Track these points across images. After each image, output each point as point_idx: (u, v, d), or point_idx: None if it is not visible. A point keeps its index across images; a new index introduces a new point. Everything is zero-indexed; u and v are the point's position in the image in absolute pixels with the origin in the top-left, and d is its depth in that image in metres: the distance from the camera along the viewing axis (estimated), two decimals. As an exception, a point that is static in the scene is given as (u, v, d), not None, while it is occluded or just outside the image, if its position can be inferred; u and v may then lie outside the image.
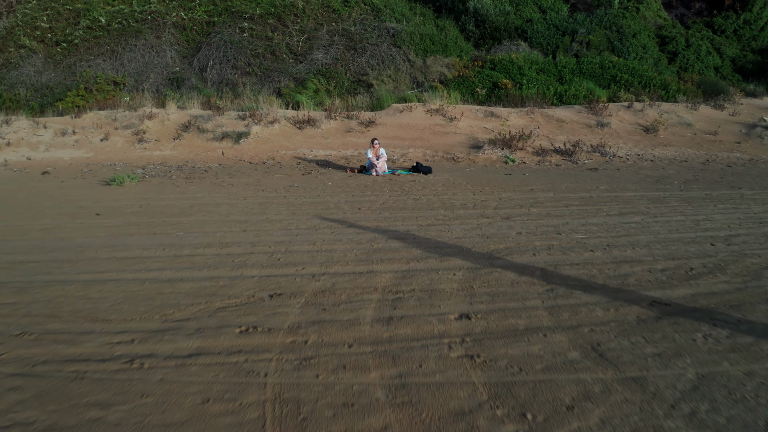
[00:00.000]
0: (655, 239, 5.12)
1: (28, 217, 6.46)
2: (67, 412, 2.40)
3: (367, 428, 2.19)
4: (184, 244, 4.92)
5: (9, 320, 3.44)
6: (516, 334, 3.03)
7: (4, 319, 3.46)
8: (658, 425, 2.23)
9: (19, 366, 2.85)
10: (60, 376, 2.72)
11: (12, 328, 3.32)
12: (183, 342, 2.98)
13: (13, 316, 3.51)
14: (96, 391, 2.55)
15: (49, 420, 2.35)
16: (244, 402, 2.39)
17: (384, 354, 2.80)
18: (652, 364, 2.73)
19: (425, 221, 5.83)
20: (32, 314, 3.51)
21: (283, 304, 3.47)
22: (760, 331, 3.21)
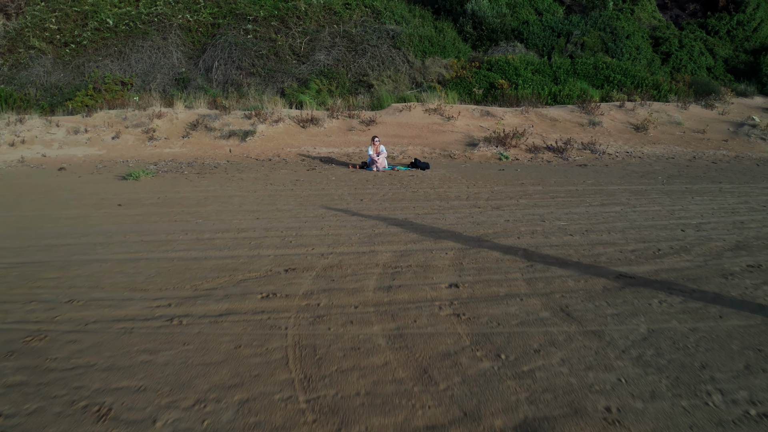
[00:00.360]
0: (630, 226, 5.64)
1: (54, 207, 6.97)
2: (122, 356, 2.92)
3: (370, 364, 2.70)
4: (204, 230, 5.44)
5: (56, 291, 3.95)
6: (497, 298, 3.54)
7: (52, 291, 3.97)
8: (609, 364, 2.75)
9: (73, 325, 3.37)
10: (111, 331, 3.23)
11: (60, 297, 3.83)
12: (213, 305, 3.49)
13: (60, 287, 4.02)
14: (144, 342, 3.06)
15: (106, 363, 2.87)
16: (269, 347, 2.90)
17: (384, 313, 3.31)
18: (610, 321, 3.25)
19: (422, 210, 6.34)
20: (76, 286, 4.03)
21: (297, 277, 3.98)
22: (710, 298, 3.72)
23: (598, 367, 2.71)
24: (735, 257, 4.67)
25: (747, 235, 5.44)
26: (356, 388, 2.49)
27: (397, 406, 2.34)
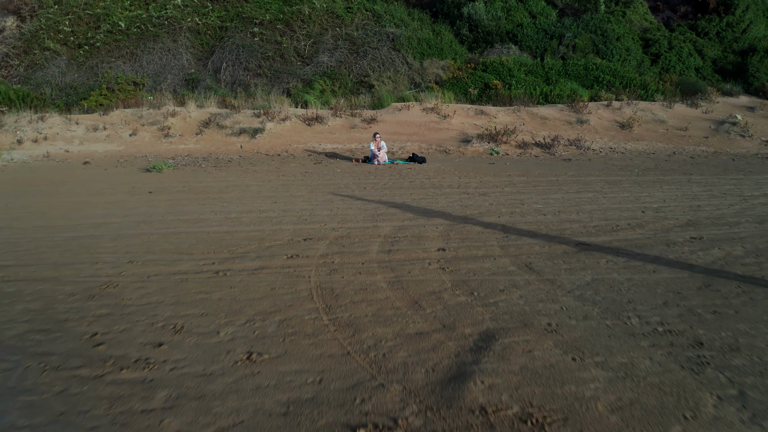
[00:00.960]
0: (598, 208, 6.51)
1: (91, 195, 7.84)
2: (183, 296, 3.79)
3: (375, 298, 3.58)
4: (230, 211, 6.31)
5: (116, 255, 4.82)
6: (475, 258, 4.42)
7: (112, 255, 4.84)
8: (555, 299, 3.62)
9: (137, 277, 4.23)
10: (170, 280, 4.10)
11: (121, 259, 4.70)
12: (249, 263, 4.37)
13: (118, 253, 4.89)
14: (198, 287, 3.94)
15: (172, 300, 3.74)
16: (297, 288, 3.78)
17: (385, 267, 4.19)
18: (563, 273, 4.12)
19: (417, 196, 7.21)
20: (132, 252, 4.90)
21: (314, 244, 4.86)
22: (649, 259, 4.59)
23: (546, 300, 3.58)
24: (682, 231, 5.54)
25: (699, 216, 6.31)
26: (364, 312, 3.37)
27: (395, 322, 3.22)
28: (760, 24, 27.58)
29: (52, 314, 3.56)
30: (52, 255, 4.89)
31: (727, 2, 27.69)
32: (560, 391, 2.50)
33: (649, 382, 2.60)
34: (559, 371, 2.67)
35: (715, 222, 6.00)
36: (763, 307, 3.58)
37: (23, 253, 5.00)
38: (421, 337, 3.03)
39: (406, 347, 2.91)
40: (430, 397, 2.44)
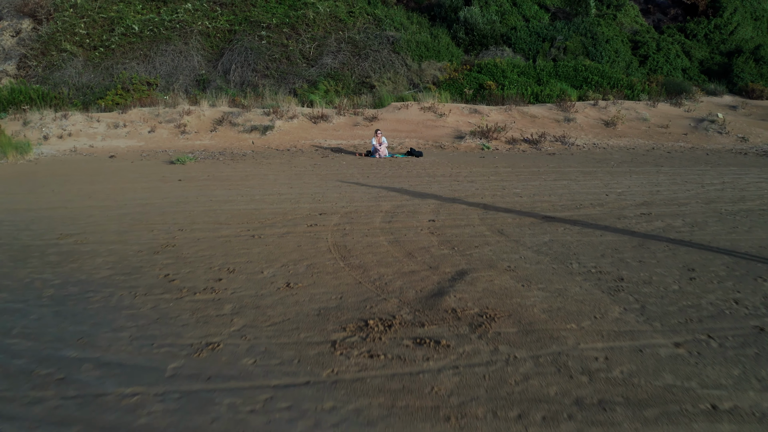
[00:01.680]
0: (568, 192, 7.58)
1: (126, 182, 8.91)
2: (229, 251, 4.86)
3: (378, 251, 4.65)
4: (254, 194, 7.39)
5: (166, 225, 5.89)
6: (458, 226, 5.50)
7: (163, 225, 5.90)
8: (516, 251, 4.69)
9: (189, 240, 5.29)
10: (216, 241, 5.17)
11: (171, 228, 5.77)
12: (277, 229, 5.45)
13: (167, 223, 5.96)
14: (240, 245, 5.01)
15: (220, 254, 4.80)
16: (318, 245, 4.85)
17: (386, 232, 5.27)
18: (526, 236, 5.20)
19: (414, 183, 8.29)
20: (179, 223, 5.97)
21: (328, 217, 5.94)
22: (600, 227, 5.65)
23: (510, 252, 4.66)
24: (635, 209, 6.61)
25: (655, 198, 7.37)
26: (370, 259, 4.45)
27: (393, 265, 4.30)
28: (747, 26, 28.57)
29: (128, 264, 4.64)
30: (111, 226, 5.96)
31: (716, 5, 28.69)
32: (509, 301, 3.58)
33: (575, 299, 3.68)
34: (510, 292, 3.75)
35: (667, 203, 7.07)
36: (680, 259, 4.65)
37: (85, 225, 6.07)
38: (413, 273, 4.11)
39: (402, 279, 3.99)
40: (418, 305, 3.52)
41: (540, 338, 3.08)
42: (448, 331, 3.15)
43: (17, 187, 8.88)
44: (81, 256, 4.87)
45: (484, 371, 2.72)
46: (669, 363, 2.84)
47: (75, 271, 4.48)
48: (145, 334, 3.26)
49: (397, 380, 2.65)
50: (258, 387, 2.63)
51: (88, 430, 2.36)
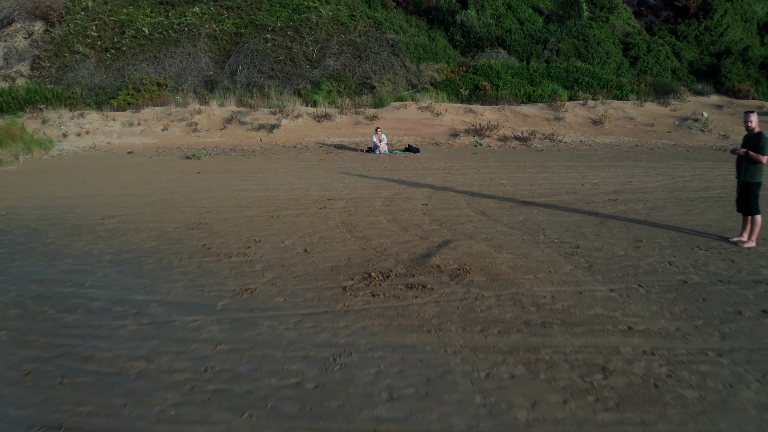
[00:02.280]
0: (548, 182, 8.48)
1: (149, 175, 9.80)
2: (253, 227, 5.76)
3: (378, 227, 5.56)
4: (268, 184, 8.29)
5: (195, 208, 6.78)
6: (447, 208, 6.40)
7: (192, 208, 6.80)
8: (494, 228, 5.59)
9: (218, 219, 6.20)
10: (242, 220, 6.07)
11: (200, 210, 6.67)
12: (292, 211, 6.35)
13: (195, 207, 6.86)
14: (262, 223, 5.91)
15: (246, 229, 5.69)
16: (328, 223, 5.76)
17: (385, 212, 6.17)
18: (504, 216, 6.10)
19: (410, 175, 9.19)
20: (205, 206, 6.86)
21: (335, 202, 6.84)
22: (570, 209, 6.54)
23: (488, 227, 5.56)
24: (605, 196, 7.50)
25: (626, 187, 8.26)
26: (372, 233, 5.35)
27: (391, 236, 5.20)
28: (737, 28, 29.38)
29: (169, 237, 5.54)
30: (146, 210, 6.87)
31: (707, 7, 29.52)
32: (482, 261, 4.48)
33: (536, 259, 4.59)
34: (484, 254, 4.65)
35: (635, 191, 7.96)
36: (632, 233, 5.54)
37: (123, 209, 6.97)
38: (407, 242, 5.02)
39: (397, 246, 4.90)
40: (410, 263, 4.43)
41: (503, 284, 3.98)
42: (432, 280, 4.05)
43: (50, 179, 9.76)
44: (127, 232, 5.77)
45: (458, 304, 3.62)
46: (601, 301, 3.75)
47: (124, 242, 5.38)
48: (196, 284, 4.17)
49: (392, 309, 3.55)
50: (289, 314, 3.53)
51: (165, 342, 3.26)
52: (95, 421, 2.45)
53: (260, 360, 2.95)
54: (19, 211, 7.05)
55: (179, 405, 2.55)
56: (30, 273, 4.58)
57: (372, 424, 2.36)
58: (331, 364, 2.89)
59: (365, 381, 2.71)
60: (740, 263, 4.64)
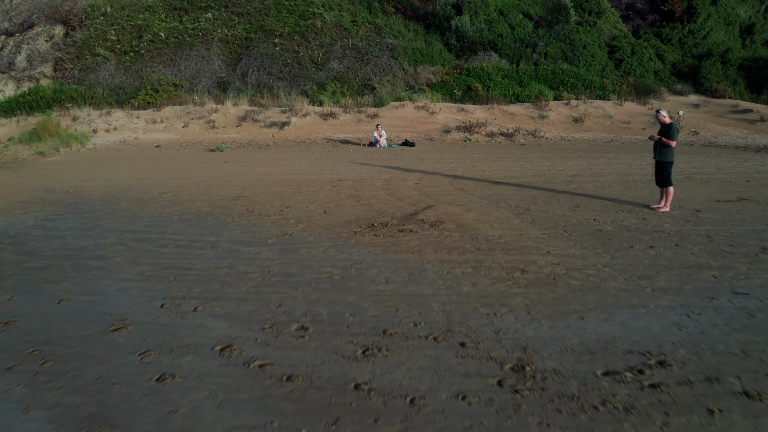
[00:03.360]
0: (520, 169, 10.14)
1: (183, 164, 11.44)
2: (283, 199, 7.42)
3: (379, 198, 7.24)
4: (287, 170, 9.96)
5: (232, 187, 8.43)
6: (434, 186, 8.08)
7: (229, 187, 8.44)
8: (468, 197, 7.26)
9: (255, 193, 7.85)
10: (272, 194, 7.73)
11: (237, 188, 8.32)
12: (311, 188, 8.02)
13: (232, 186, 8.50)
14: (288, 196, 7.58)
15: (278, 200, 7.36)
16: (340, 195, 7.44)
17: (384, 189, 7.85)
18: (477, 191, 7.76)
19: (406, 163, 10.85)
20: (241, 185, 8.51)
21: (344, 182, 8.52)
22: (531, 187, 8.20)
23: (463, 198, 7.22)
24: (564, 179, 9.15)
25: (585, 173, 9.90)
26: (374, 201, 7.03)
27: (388, 203, 6.87)
28: (719, 31, 30.95)
29: (219, 205, 7.20)
30: (192, 188, 8.52)
31: (691, 11, 31.09)
32: (454, 217, 6.15)
33: (494, 216, 6.25)
34: (456, 213, 6.33)
35: (591, 175, 9.60)
36: (574, 202, 7.19)
37: (173, 187, 8.62)
38: (400, 207, 6.69)
39: (393, 209, 6.57)
40: (402, 218, 6.10)
41: (466, 229, 5.65)
42: (417, 227, 5.72)
43: (95, 166, 11.42)
44: (183, 202, 7.43)
45: (433, 239, 5.29)
46: (533, 239, 5.41)
47: (185, 208, 7.04)
48: (249, 231, 5.83)
49: (388, 243, 5.22)
50: (318, 245, 5.20)
51: (238, 260, 4.91)
52: (205, 295, 4.12)
53: (303, 267, 4.62)
54: (85, 189, 8.71)
55: (257, 287, 4.21)
56: (119, 227, 6.24)
57: (375, 292, 4.03)
58: (349, 268, 4.55)
59: (371, 275, 4.37)
60: (650, 220, 6.30)
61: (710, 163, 11.58)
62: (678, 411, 2.48)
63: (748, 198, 7.68)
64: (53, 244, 5.54)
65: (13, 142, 16.66)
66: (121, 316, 3.67)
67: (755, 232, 5.75)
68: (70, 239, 5.73)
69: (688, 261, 4.76)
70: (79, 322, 3.59)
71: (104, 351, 3.16)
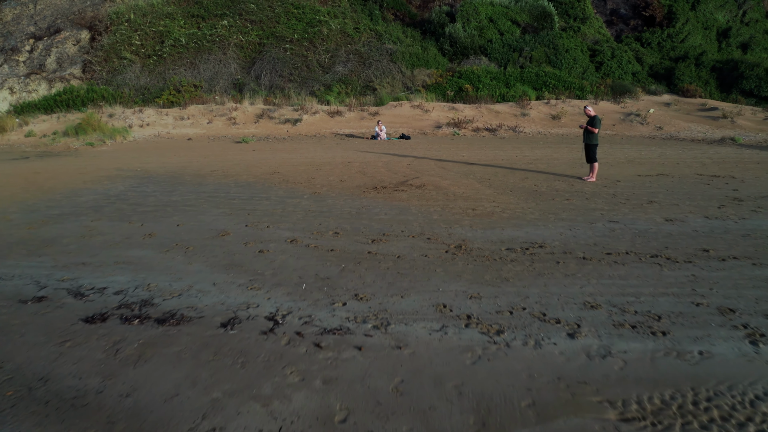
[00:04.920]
0: (493, 155, 12.54)
1: (218, 153, 13.84)
2: (309, 174, 9.85)
3: (380, 172, 9.68)
4: (306, 156, 12.37)
5: (265, 167, 10.84)
6: (422, 166, 10.51)
7: (263, 167, 10.86)
8: (447, 172, 9.69)
9: (286, 170, 10.27)
10: (298, 171, 10.15)
11: (270, 168, 10.75)
12: (327, 167, 10.46)
13: (266, 166, 10.92)
14: (311, 172, 10.00)
15: (305, 174, 9.78)
16: (350, 171, 9.88)
17: (384, 166, 10.29)
18: (455, 169, 10.18)
19: (402, 151, 13.26)
20: (272, 166, 10.93)
21: (352, 163, 10.94)
22: (497, 167, 10.61)
23: (443, 173, 9.64)
24: (526, 161, 11.55)
25: (534, 158, 12.28)
26: (376, 174, 9.46)
27: (387, 175, 9.32)
28: (697, 35, 33.23)
29: (261, 178, 9.60)
30: (235, 167, 10.93)
31: (671, 16, 33.43)
32: (434, 183, 8.58)
33: (464, 183, 8.68)
34: (436, 182, 8.76)
35: (549, 159, 11.99)
36: (526, 175, 9.59)
37: (218, 167, 11.01)
38: (395, 177, 9.12)
39: (390, 178, 9.00)
40: (396, 184, 8.54)
41: (442, 190, 8.08)
42: (406, 188, 8.15)
43: (144, 154, 13.81)
44: (233, 176, 9.85)
45: (417, 195, 7.72)
46: (486, 195, 7.82)
47: (236, 180, 9.45)
48: (289, 191, 8.25)
49: (386, 196, 7.65)
50: (339, 198, 7.62)
51: (286, 206, 7.32)
52: (272, 221, 6.52)
53: (331, 208, 7.04)
54: (148, 169, 11.12)
55: (303, 217, 6.63)
56: (192, 190, 8.64)
57: (378, 219, 6.45)
58: (360, 208, 6.97)
59: (375, 211, 6.79)
60: (576, 186, 8.71)
61: (657, 151, 13.98)
62: (539, 261, 4.90)
63: (667, 174, 10.09)
64: (150, 200, 7.95)
65: (58, 136, 19.07)
66: (223, 230, 6.08)
67: (653, 193, 8.16)
68: (161, 197, 8.14)
69: (589, 206, 7.17)
70: (197, 233, 6.00)
71: (222, 243, 5.58)
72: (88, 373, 2.94)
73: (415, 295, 4.01)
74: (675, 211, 6.88)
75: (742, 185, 8.87)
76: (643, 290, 4.07)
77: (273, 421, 2.48)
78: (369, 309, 3.76)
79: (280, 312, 3.73)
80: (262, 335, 3.38)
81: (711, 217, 6.54)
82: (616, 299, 3.90)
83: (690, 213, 6.77)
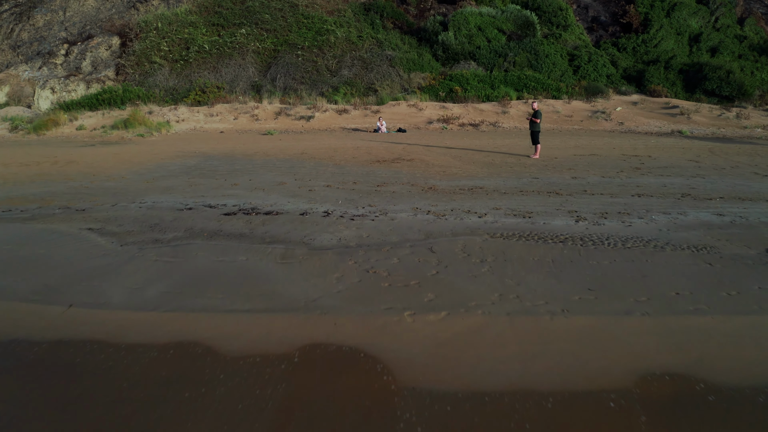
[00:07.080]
0: (470, 143, 15.97)
1: (250, 142, 17.24)
2: (331, 154, 13.28)
3: (380, 153, 13.12)
4: (322, 143, 15.80)
5: (295, 151, 14.27)
6: (413, 149, 13.95)
7: (292, 150, 14.28)
8: (431, 152, 13.13)
9: (313, 152, 13.70)
10: (321, 152, 13.58)
11: (299, 151, 14.17)
12: (342, 150, 13.90)
13: (295, 150, 14.34)
14: (330, 152, 13.45)
15: (327, 153, 13.21)
16: (359, 152, 13.33)
17: (385, 149, 13.74)
18: (438, 151, 13.62)
19: (399, 141, 16.68)
20: (298, 150, 14.34)
21: (360, 148, 14.39)
22: (472, 152, 14.03)
23: (428, 153, 13.07)
24: (493, 146, 14.96)
25: (509, 144, 15.70)
26: (379, 154, 12.92)
27: (385, 155, 12.77)
28: (669, 40, 36.52)
29: (293, 157, 13.04)
30: (270, 151, 14.34)
31: (647, 23, 36.79)
32: (420, 159, 12.03)
33: (442, 161, 12.14)
34: (423, 158, 12.20)
35: (512, 146, 15.38)
36: (491, 156, 13.03)
37: (258, 151, 14.43)
38: (392, 155, 12.56)
39: (388, 155, 12.44)
40: (392, 159, 12.00)
41: (426, 164, 11.51)
42: (400, 162, 11.59)
43: (192, 142, 17.18)
44: (272, 155, 13.27)
45: (407, 165, 11.17)
46: (456, 166, 11.26)
47: (276, 157, 12.86)
48: (317, 163, 11.68)
49: (385, 166, 11.10)
50: (354, 167, 11.07)
51: (318, 171, 10.76)
52: (310, 178, 9.99)
53: (347, 172, 10.48)
54: (204, 151, 14.51)
55: (331, 176, 10.07)
56: (246, 163, 12.04)
57: (380, 176, 9.89)
58: (369, 172, 10.41)
59: (378, 174, 10.23)
60: (522, 161, 12.14)
61: (606, 141, 17.37)
62: (476, 194, 8.33)
63: (597, 154, 13.51)
64: (220, 168, 11.35)
65: (107, 129, 22.46)
66: (281, 181, 9.49)
67: (576, 165, 11.57)
68: (227, 167, 11.54)
69: (524, 172, 10.60)
70: (266, 183, 9.41)
71: (283, 188, 9.00)
72: (241, 228, 6.37)
73: (401, 204, 7.44)
74: (583, 173, 10.31)
75: (651, 161, 12.27)
76: (531, 205, 7.51)
77: (336, 239, 5.90)
78: (377, 209, 7.20)
79: (329, 211, 7.16)
80: (322, 217, 6.80)
81: (605, 177, 9.96)
82: (513, 206, 7.33)
83: (593, 174, 10.19)
